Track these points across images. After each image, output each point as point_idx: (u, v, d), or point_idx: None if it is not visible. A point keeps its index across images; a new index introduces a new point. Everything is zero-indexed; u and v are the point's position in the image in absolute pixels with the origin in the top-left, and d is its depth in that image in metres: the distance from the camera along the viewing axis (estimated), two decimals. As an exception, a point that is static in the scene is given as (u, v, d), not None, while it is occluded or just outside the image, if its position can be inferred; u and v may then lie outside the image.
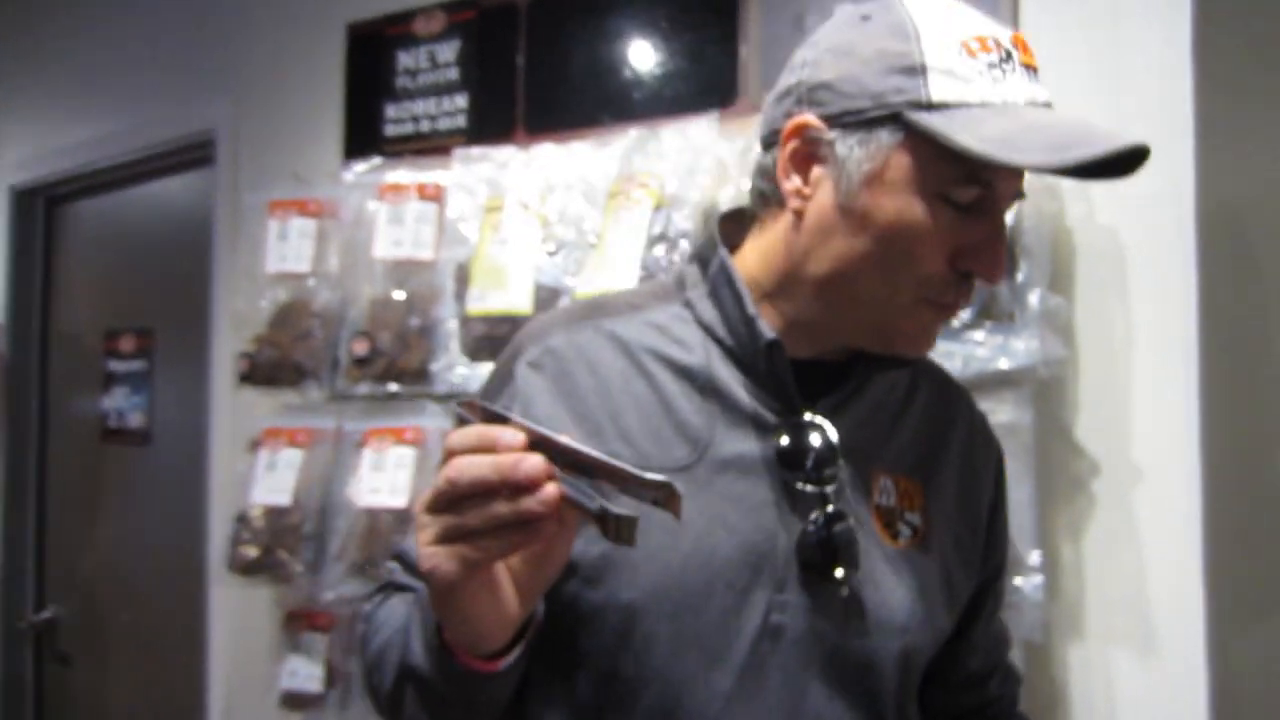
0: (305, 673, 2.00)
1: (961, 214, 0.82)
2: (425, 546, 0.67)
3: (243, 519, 2.07)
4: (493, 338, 1.74)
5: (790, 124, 0.85)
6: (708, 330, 0.92)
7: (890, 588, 0.91)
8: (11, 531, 3.04)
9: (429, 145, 2.10)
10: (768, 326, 0.88)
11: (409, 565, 0.93)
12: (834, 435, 0.90)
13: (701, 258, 0.96)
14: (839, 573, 0.87)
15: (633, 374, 0.90)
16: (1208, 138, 1.39)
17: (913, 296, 0.85)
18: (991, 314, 1.40)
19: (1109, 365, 1.40)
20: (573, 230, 1.75)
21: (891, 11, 0.83)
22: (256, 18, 2.47)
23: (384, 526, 1.87)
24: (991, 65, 0.80)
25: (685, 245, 1.58)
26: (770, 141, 0.90)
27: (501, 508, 0.64)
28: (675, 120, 1.73)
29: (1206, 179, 1.37)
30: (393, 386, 1.93)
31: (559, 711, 0.89)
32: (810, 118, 0.84)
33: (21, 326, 3.09)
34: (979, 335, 1.40)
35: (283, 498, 2.03)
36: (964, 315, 1.40)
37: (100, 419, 2.94)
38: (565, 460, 0.66)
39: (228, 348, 2.36)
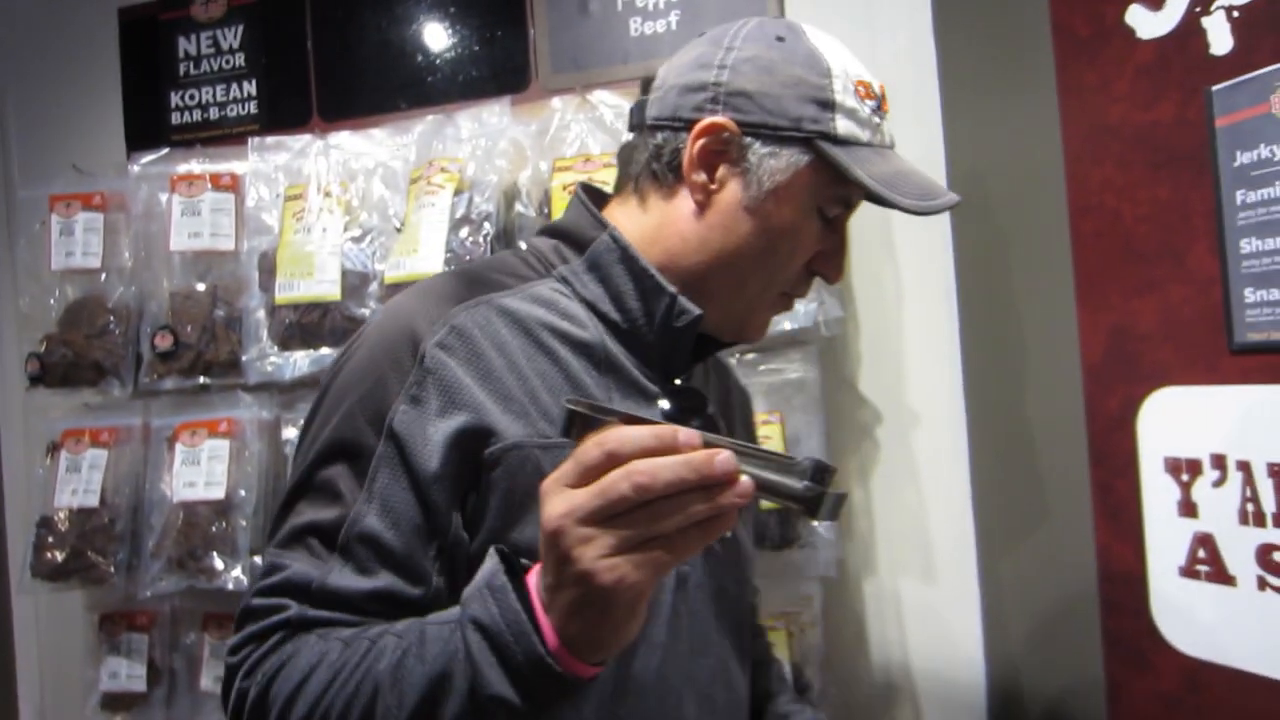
0: (127, 673, 1.85)
1: (825, 226, 0.90)
2: (601, 560, 0.59)
3: (46, 523, 1.89)
4: (304, 325, 1.64)
5: (707, 121, 0.87)
6: (591, 307, 0.90)
7: (744, 520, 1.00)
8: None
9: (220, 134, 1.95)
10: (689, 302, 0.89)
11: (323, 596, 0.78)
12: (706, 397, 0.94)
13: (570, 235, 0.93)
14: None
15: (534, 351, 0.85)
16: (952, 116, 1.48)
17: (777, 291, 0.93)
18: (776, 280, 1.43)
19: (883, 321, 1.48)
20: (376, 216, 1.67)
21: (802, 41, 0.89)
22: (21, 2, 2.18)
23: (202, 520, 1.74)
24: (872, 111, 0.89)
25: (488, 227, 1.53)
26: (667, 126, 0.90)
27: (701, 506, 0.59)
28: (470, 105, 1.68)
29: (953, 147, 1.45)
30: (202, 379, 1.79)
31: None
32: (728, 121, 0.87)
33: None
34: (766, 300, 1.43)
35: (89, 499, 1.86)
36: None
37: None
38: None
39: (14, 348, 2.13)
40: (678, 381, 0.94)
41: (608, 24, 1.69)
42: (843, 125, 0.86)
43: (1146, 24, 1.19)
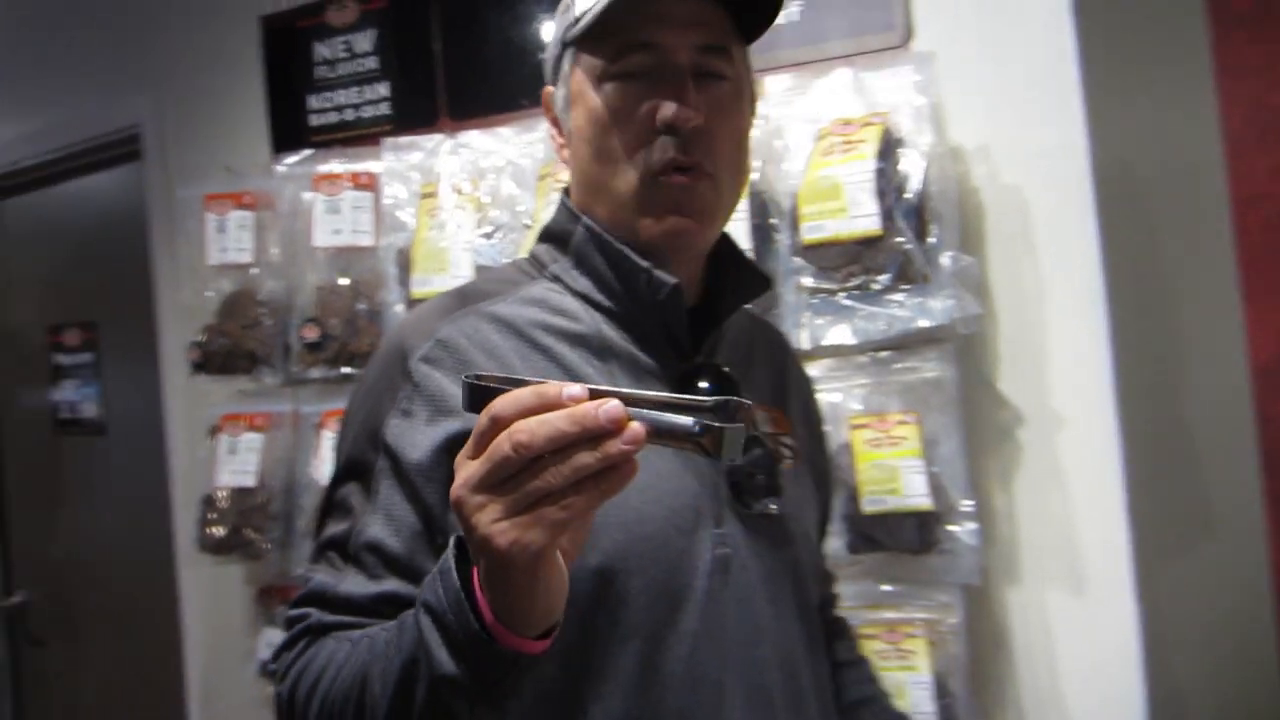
0: (283, 644, 1.91)
1: (619, 89, 0.84)
2: (494, 524, 0.57)
3: (208, 501, 1.98)
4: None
5: (543, 99, 0.92)
6: (584, 298, 0.87)
7: (796, 503, 0.92)
8: (-28, 522, 2.83)
9: (355, 135, 1.97)
10: (664, 273, 0.84)
11: (336, 602, 0.80)
12: (728, 371, 0.88)
13: (556, 234, 0.91)
14: (766, 499, 0.86)
15: (527, 350, 0.83)
16: (1095, 97, 1.35)
17: (635, 174, 0.84)
18: (908, 277, 1.36)
19: (1024, 318, 1.38)
20: (506, 212, 1.65)
21: None
22: (171, 12, 2.27)
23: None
24: None
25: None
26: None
27: (587, 458, 0.55)
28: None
29: (1099, 134, 1.34)
30: (346, 370, 1.83)
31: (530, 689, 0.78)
32: (548, 87, 0.91)
33: (-38, 323, 2.85)
34: (898, 297, 1.36)
35: (247, 479, 1.94)
36: (883, 279, 1.35)
37: (51, 411, 2.76)
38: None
39: (176, 338, 2.24)
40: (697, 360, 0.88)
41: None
42: (581, 4, 0.84)
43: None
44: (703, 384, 0.86)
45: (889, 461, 1.31)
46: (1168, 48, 1.32)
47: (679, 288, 0.83)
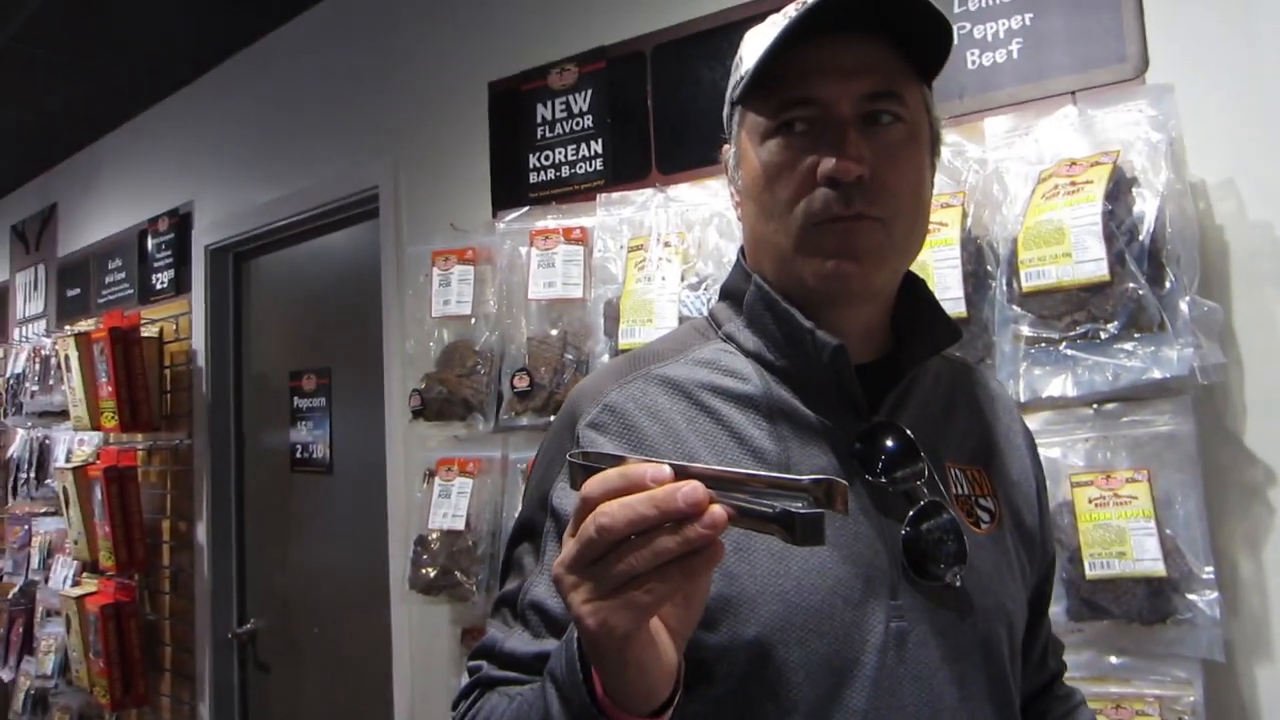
0: (485, 684, 2.04)
1: (782, 144, 0.85)
2: (584, 605, 0.60)
3: (422, 542, 2.14)
4: (643, 368, 1.74)
5: (721, 157, 0.98)
6: (756, 358, 0.89)
7: (988, 572, 0.88)
8: (217, 554, 3.22)
9: (570, 191, 2.12)
10: (827, 334, 0.85)
11: (502, 658, 0.86)
12: (908, 432, 0.87)
13: (731, 293, 0.95)
14: (949, 569, 0.84)
15: (695, 413, 0.86)
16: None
17: (795, 223, 0.84)
18: (1139, 324, 1.31)
19: (1275, 367, 1.29)
20: (711, 264, 1.74)
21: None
22: (411, 82, 2.56)
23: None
24: (786, 15, 0.84)
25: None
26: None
27: (668, 542, 0.57)
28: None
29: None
30: (552, 418, 1.95)
31: None
32: (725, 146, 0.96)
33: (219, 369, 3.29)
34: (1128, 346, 1.32)
35: (457, 522, 2.09)
36: (1111, 328, 1.32)
37: (289, 450, 3.09)
38: (710, 485, 0.59)
39: (399, 385, 2.46)
40: (876, 418, 0.87)
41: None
42: (746, 62, 0.87)
43: None
44: (887, 442, 0.85)
45: (1115, 522, 1.26)
46: None
47: (843, 348, 0.83)
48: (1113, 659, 1.30)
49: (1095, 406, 1.35)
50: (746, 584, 0.76)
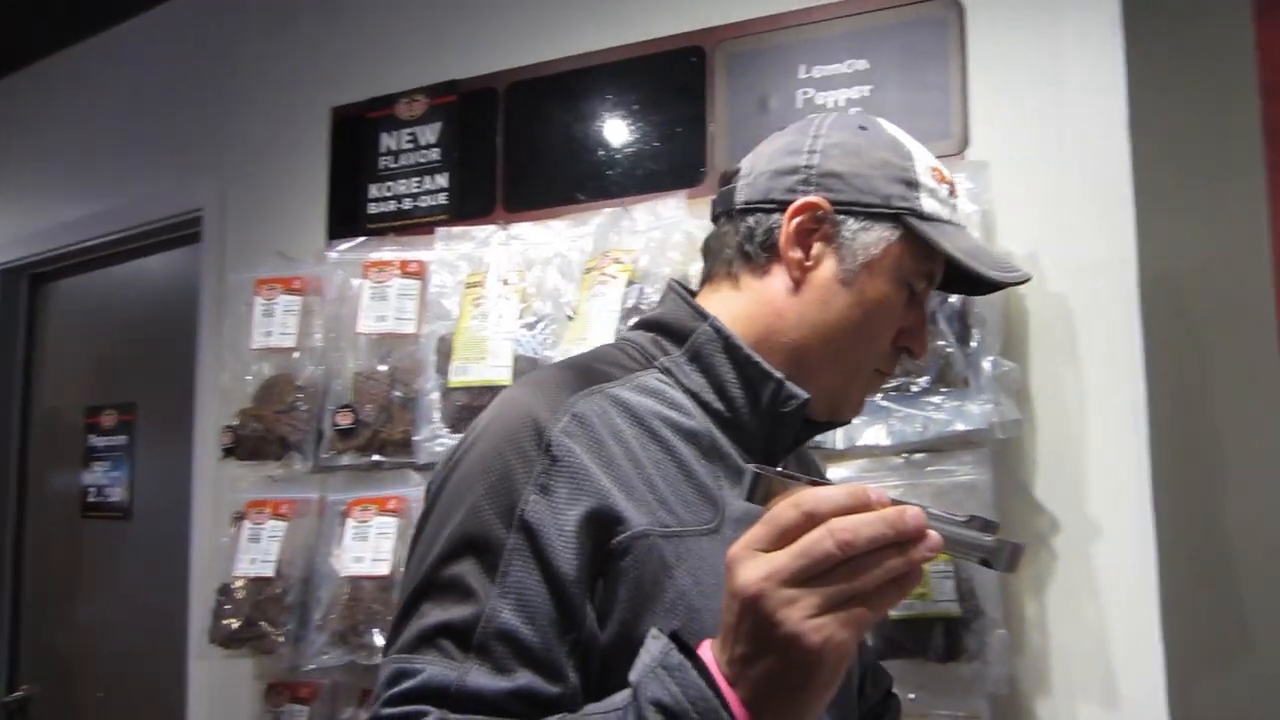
0: (287, 744, 2.01)
1: (910, 301, 1.00)
2: (806, 621, 0.63)
3: (225, 591, 2.09)
4: (474, 408, 1.79)
5: (802, 201, 0.96)
6: (694, 396, 0.96)
7: None
8: (-13, 611, 3.02)
9: (411, 223, 2.17)
10: (797, 387, 0.96)
11: (463, 699, 0.78)
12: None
13: (668, 328, 1.00)
14: None
15: (646, 440, 0.90)
16: (1146, 209, 1.48)
17: (871, 367, 1.01)
18: (947, 380, 1.48)
19: (1063, 426, 1.48)
20: (550, 304, 1.82)
21: (882, 129, 1.01)
22: (246, 101, 2.55)
23: (366, 595, 1.90)
24: (948, 194, 1.00)
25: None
26: (758, 209, 0.99)
27: (897, 561, 0.63)
28: (647, 198, 1.82)
29: (1147, 249, 1.46)
30: (376, 457, 1.97)
31: None
32: (821, 200, 0.96)
33: (1, 403, 3.11)
34: (936, 400, 1.47)
35: (266, 568, 2.04)
36: (922, 382, 1.47)
37: (80, 494, 2.95)
38: None
39: (212, 422, 2.40)
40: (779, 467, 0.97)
41: (786, 121, 1.79)
42: (927, 203, 0.97)
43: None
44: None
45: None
46: (1221, 166, 1.45)
47: (807, 401, 0.96)
48: (911, 695, 1.43)
49: (905, 456, 1.50)
50: (705, 618, 0.84)
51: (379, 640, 1.85)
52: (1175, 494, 1.40)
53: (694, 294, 1.04)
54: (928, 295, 1.03)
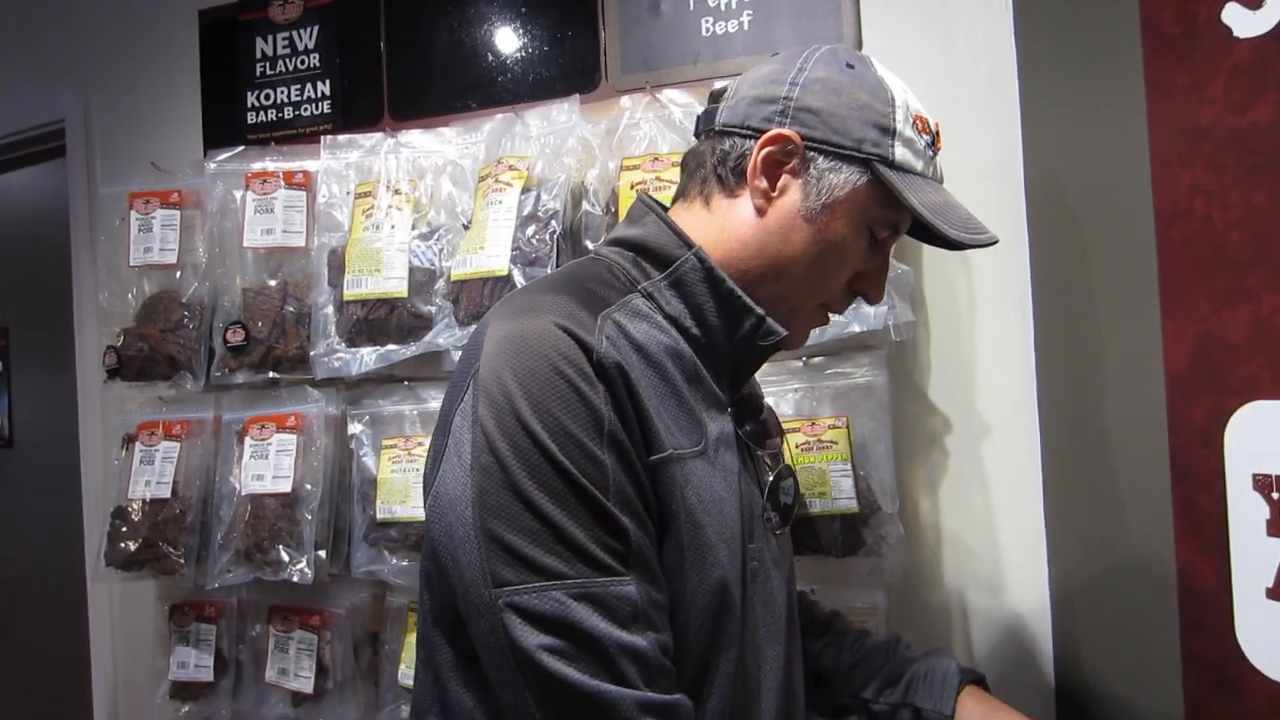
0: (195, 662, 1.93)
1: (871, 246, 0.99)
2: None
3: (120, 514, 1.97)
4: (371, 321, 1.69)
5: (775, 131, 0.94)
6: (674, 321, 0.95)
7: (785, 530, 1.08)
8: None
9: (294, 133, 2.01)
10: (775, 323, 0.97)
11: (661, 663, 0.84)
12: (774, 407, 1.07)
13: (648, 251, 0.97)
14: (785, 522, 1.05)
15: (646, 364, 0.90)
16: (1032, 118, 1.46)
17: (818, 302, 1.01)
18: (845, 283, 1.43)
19: (955, 328, 1.47)
20: (444, 213, 1.71)
21: (870, 70, 0.98)
22: (104, 2, 2.29)
23: (269, 513, 1.81)
24: (926, 145, 0.99)
25: (555, 225, 1.56)
26: (735, 132, 0.98)
27: None
28: (540, 104, 1.71)
29: (1033, 149, 1.44)
30: (272, 374, 1.85)
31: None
32: (794, 133, 0.94)
33: None
34: (835, 303, 1.43)
35: (162, 490, 1.94)
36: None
37: (-45, 422, 2.72)
38: None
39: (93, 343, 2.24)
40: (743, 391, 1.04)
41: (679, 24, 1.71)
42: (900, 152, 0.95)
43: (1244, 23, 1.17)
44: (760, 416, 1.08)
45: (819, 465, 1.39)
46: (1103, 68, 1.42)
47: (785, 338, 0.98)
48: (812, 589, 1.43)
49: (804, 359, 1.47)
50: (709, 534, 0.88)
51: (285, 556, 1.76)
52: (1059, 388, 1.41)
53: (665, 209, 1.03)
54: (891, 243, 1.02)
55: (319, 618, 1.85)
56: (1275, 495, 1.17)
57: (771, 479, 1.03)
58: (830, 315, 1.06)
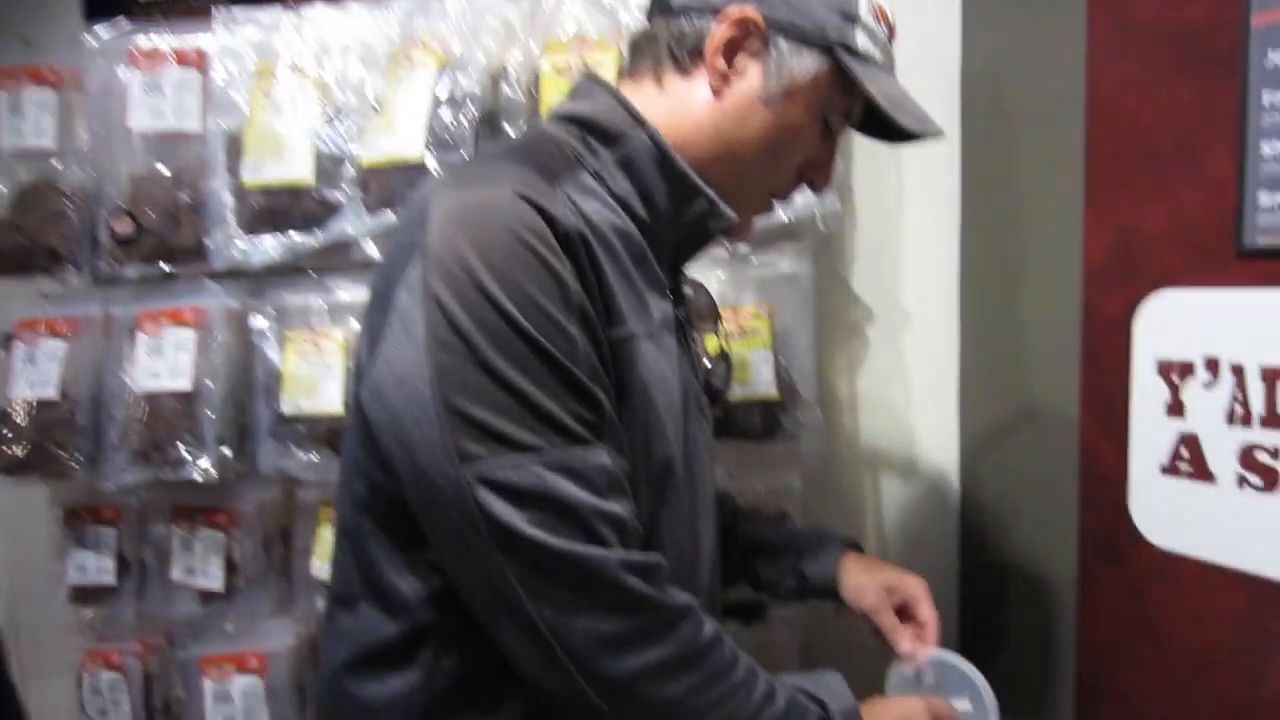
0: (95, 566, 1.83)
1: (823, 134, 0.97)
2: None
3: (3, 417, 1.83)
4: (273, 209, 1.59)
5: (738, 11, 0.90)
6: (622, 203, 0.90)
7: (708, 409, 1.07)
8: None
9: (184, 7, 1.84)
10: (727, 207, 0.94)
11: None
12: (713, 292, 1.06)
13: (598, 129, 0.92)
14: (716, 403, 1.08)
15: (597, 242, 0.85)
16: (971, 9, 1.43)
17: (768, 189, 0.99)
18: (771, 173, 1.40)
19: (882, 220, 1.46)
20: (353, 95, 1.60)
21: None
22: None
23: (167, 411, 1.70)
24: (886, 35, 0.96)
25: (472, 108, 1.48)
26: (693, 10, 0.93)
27: None
28: (455, -20, 1.59)
29: (970, 44, 1.42)
30: (165, 266, 1.73)
31: None
32: (756, 14, 0.90)
33: None
34: (760, 193, 1.40)
35: (48, 390, 1.80)
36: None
37: None
38: None
39: (-38, 235, 2.03)
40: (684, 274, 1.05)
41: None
42: (862, 40, 0.92)
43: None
44: (702, 300, 1.15)
45: (741, 353, 1.38)
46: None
47: (734, 224, 0.95)
48: (730, 472, 1.44)
49: (730, 249, 1.44)
50: (660, 411, 0.87)
51: (186, 454, 1.67)
52: (980, 282, 1.43)
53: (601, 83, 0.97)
54: (842, 132, 1.00)
55: (225, 516, 1.77)
56: (1176, 380, 1.21)
57: (708, 363, 1.04)
58: (776, 204, 1.04)
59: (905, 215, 1.46)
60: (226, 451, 1.69)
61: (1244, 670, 1.15)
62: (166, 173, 1.73)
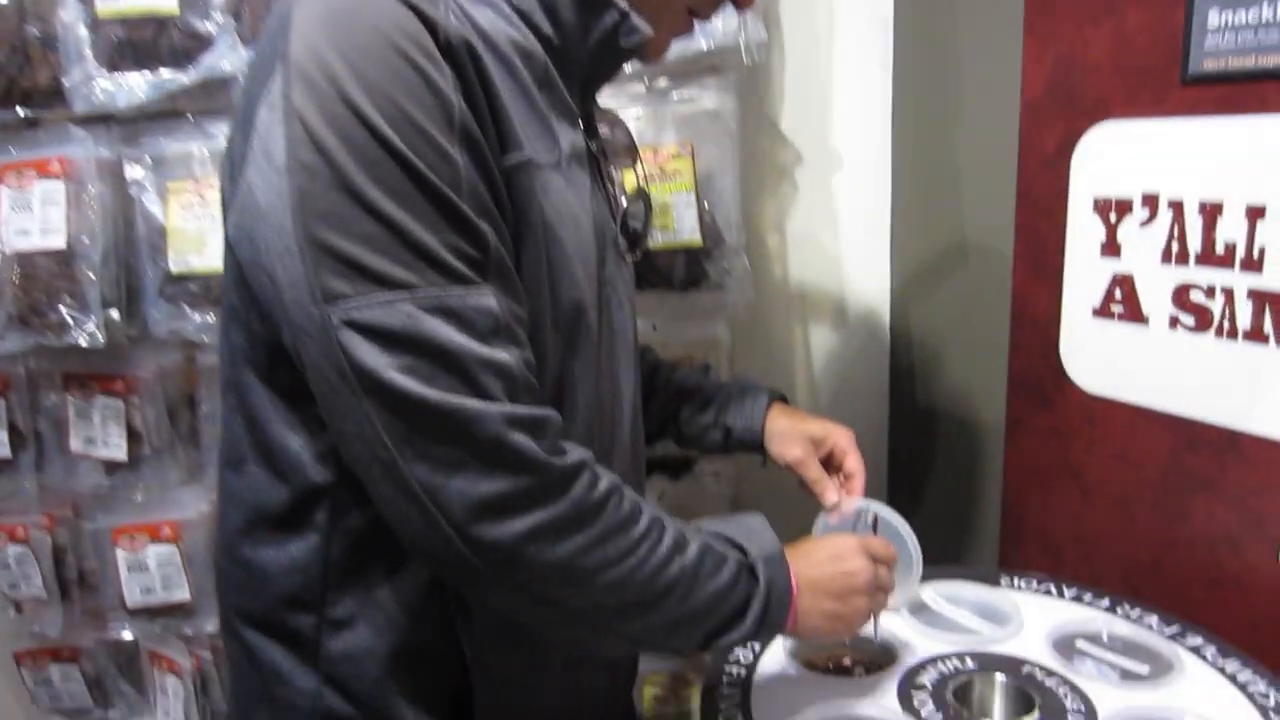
0: (-17, 439, 1.71)
1: None
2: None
3: None
4: (135, 43, 1.41)
5: None
6: (523, 16, 0.77)
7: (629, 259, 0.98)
8: None
9: None
10: (642, 21, 0.80)
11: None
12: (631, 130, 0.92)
13: None
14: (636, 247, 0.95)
15: (495, 58, 0.72)
16: None
17: (685, 5, 0.85)
18: (689, -5, 1.26)
19: (811, 54, 1.34)
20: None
21: None
22: None
23: (43, 272, 1.56)
24: None
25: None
26: None
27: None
28: None
29: None
30: (20, 110, 1.53)
31: None
32: None
33: None
34: (679, 18, 1.26)
35: None
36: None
37: None
38: None
39: None
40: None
41: None
42: None
43: None
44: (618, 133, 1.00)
45: (662, 197, 1.28)
46: None
47: (646, 41, 0.80)
48: (654, 324, 1.37)
49: (647, 83, 1.31)
50: (567, 249, 0.77)
51: (69, 318, 1.54)
52: (913, 119, 1.34)
53: None
54: None
55: (122, 383, 1.66)
56: (1113, 218, 1.16)
57: (625, 202, 0.93)
58: (695, 25, 0.89)
59: (836, 45, 1.33)
60: (114, 314, 1.56)
61: (1165, 510, 1.15)
62: (8, 3, 1.51)
